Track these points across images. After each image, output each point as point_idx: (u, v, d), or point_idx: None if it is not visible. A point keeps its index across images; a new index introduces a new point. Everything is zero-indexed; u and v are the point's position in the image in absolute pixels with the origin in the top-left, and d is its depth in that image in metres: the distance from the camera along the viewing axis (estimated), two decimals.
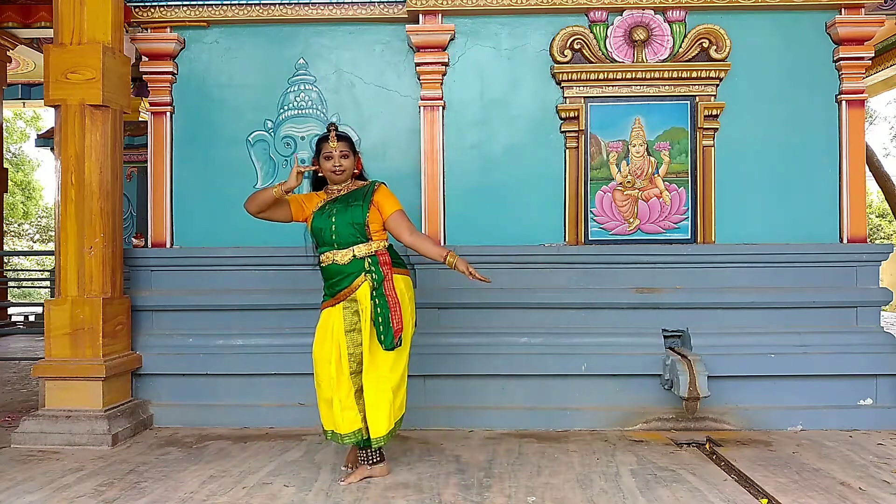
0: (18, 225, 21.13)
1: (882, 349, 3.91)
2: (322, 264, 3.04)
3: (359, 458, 3.03)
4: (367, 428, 2.95)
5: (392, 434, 2.98)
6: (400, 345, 2.93)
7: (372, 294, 2.93)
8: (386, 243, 3.06)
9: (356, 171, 3.09)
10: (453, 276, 3.99)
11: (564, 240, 4.09)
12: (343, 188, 3.07)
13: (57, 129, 3.78)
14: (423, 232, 4.07)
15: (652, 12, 4.02)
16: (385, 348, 2.91)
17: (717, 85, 4.03)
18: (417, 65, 4.08)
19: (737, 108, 4.04)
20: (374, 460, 3.01)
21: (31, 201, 21.02)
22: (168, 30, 4.17)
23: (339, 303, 2.98)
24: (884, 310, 8.70)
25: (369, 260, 2.96)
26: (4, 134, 9.19)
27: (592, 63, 4.03)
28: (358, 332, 2.97)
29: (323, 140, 3.02)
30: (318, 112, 4.21)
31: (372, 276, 2.94)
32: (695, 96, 4.03)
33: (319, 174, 3.10)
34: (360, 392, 2.98)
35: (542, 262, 4.03)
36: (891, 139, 18.86)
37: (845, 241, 4.04)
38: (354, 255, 2.96)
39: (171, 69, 4.18)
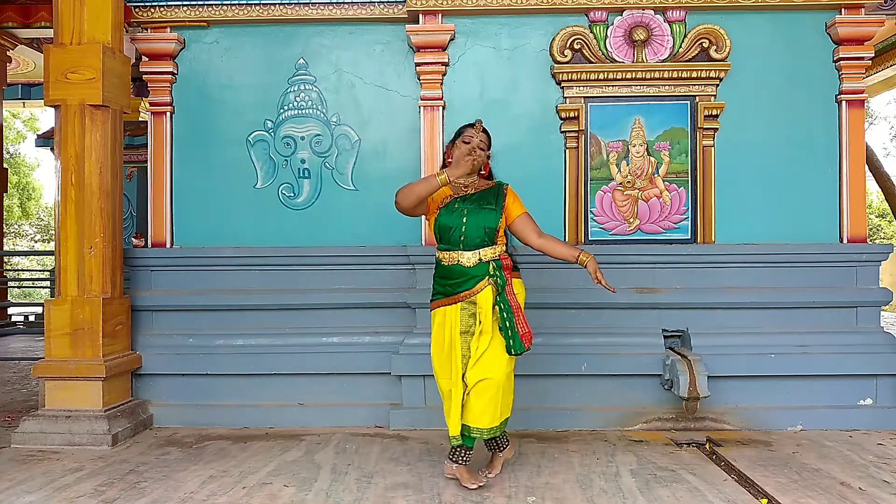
0: (18, 226, 21.11)
1: (882, 349, 3.91)
2: (442, 262, 2.96)
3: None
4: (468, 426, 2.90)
5: (497, 430, 2.90)
6: (529, 349, 2.87)
7: (496, 299, 2.87)
8: (505, 247, 2.99)
9: (484, 171, 3.03)
10: None
11: (565, 240, 4.09)
12: (471, 185, 2.98)
13: (57, 129, 3.78)
14: (422, 233, 4.07)
15: (652, 12, 4.02)
16: (514, 353, 2.84)
17: (717, 85, 4.03)
18: (417, 65, 4.08)
19: (737, 108, 4.04)
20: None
21: (29, 202, 20.96)
22: (168, 30, 4.17)
23: (456, 303, 2.91)
24: (884, 310, 8.71)
25: (494, 264, 2.90)
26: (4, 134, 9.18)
27: (592, 63, 4.03)
28: (471, 336, 2.90)
29: (468, 126, 2.98)
30: (318, 112, 4.21)
31: (496, 282, 2.88)
32: (695, 96, 4.03)
33: (448, 160, 2.99)
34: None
35: (542, 262, 4.02)
36: (891, 139, 18.87)
37: (845, 241, 4.04)
38: (481, 259, 2.90)
39: (171, 69, 4.19)
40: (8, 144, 19.65)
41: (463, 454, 2.92)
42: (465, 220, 2.90)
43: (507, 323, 2.84)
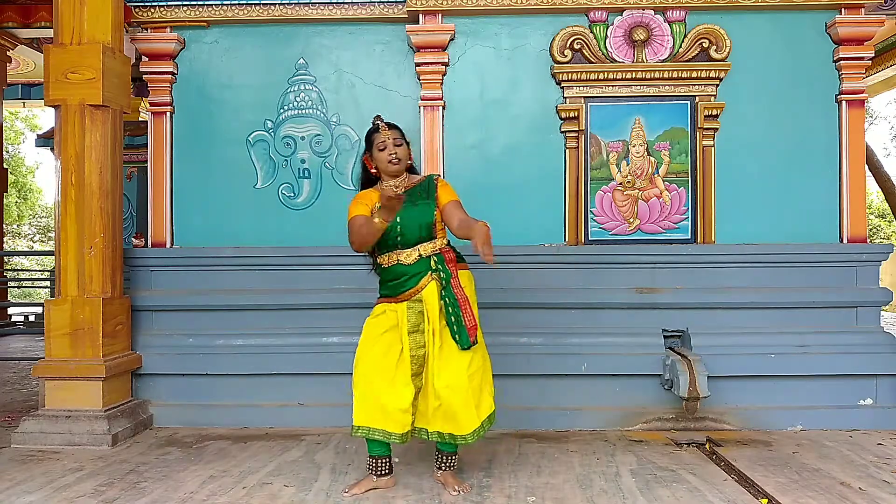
0: (17, 226, 21.09)
1: (882, 349, 3.91)
2: (382, 265, 2.90)
3: (368, 465, 2.90)
4: (416, 430, 2.84)
5: (479, 434, 2.78)
6: (476, 342, 2.77)
7: (441, 294, 2.80)
8: (447, 239, 2.92)
9: (409, 161, 2.95)
10: None
11: (564, 240, 4.09)
12: (401, 185, 2.89)
13: (57, 129, 3.78)
14: None
15: (652, 12, 4.02)
16: (462, 348, 2.74)
17: (717, 85, 4.03)
18: (417, 65, 4.08)
19: (737, 108, 4.04)
20: (383, 472, 2.88)
21: (25, 203, 20.91)
22: (168, 30, 4.17)
23: (401, 302, 2.84)
24: (884, 310, 8.71)
25: (435, 258, 2.84)
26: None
27: (592, 63, 4.03)
28: (421, 334, 2.83)
29: (373, 132, 2.92)
30: (319, 112, 4.21)
31: (440, 275, 2.81)
32: (695, 96, 4.03)
33: (372, 171, 2.96)
34: (417, 394, 2.82)
35: (542, 262, 4.03)
36: (891, 139, 18.88)
37: (845, 241, 4.04)
38: (420, 255, 2.83)
39: (171, 69, 4.19)
40: (8, 144, 19.66)
41: (386, 464, 2.89)
42: (398, 220, 2.79)
43: (453, 317, 2.76)
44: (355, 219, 2.83)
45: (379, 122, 2.94)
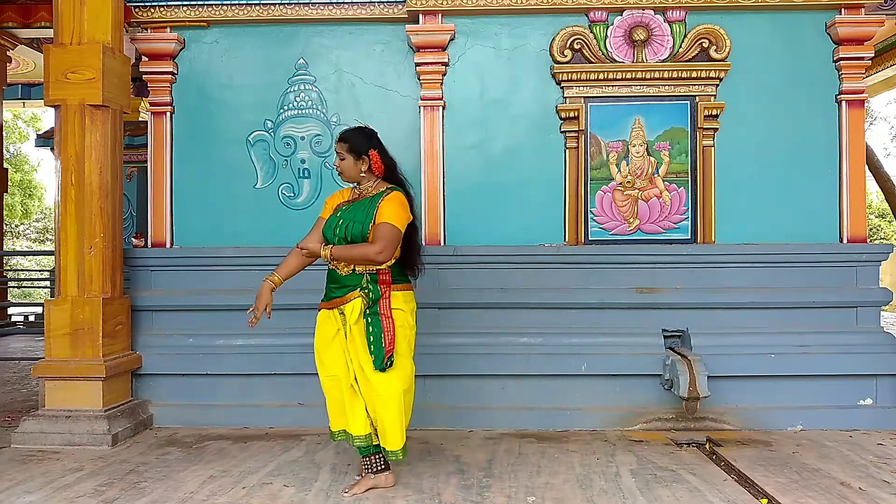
0: (16, 226, 21.15)
1: (882, 349, 3.91)
2: (329, 265, 2.92)
3: (362, 465, 2.93)
4: (376, 435, 2.86)
5: (406, 447, 2.85)
6: (391, 366, 2.77)
7: (365, 312, 2.79)
8: (391, 261, 2.84)
9: (366, 171, 2.89)
10: (453, 276, 4.01)
11: (564, 240, 4.09)
12: (363, 191, 2.92)
13: (57, 129, 3.78)
14: (421, 234, 4.05)
15: (652, 12, 4.02)
16: (375, 368, 2.75)
17: (717, 85, 4.03)
18: (417, 65, 4.08)
19: (737, 108, 4.04)
20: (379, 468, 2.90)
21: (31, 200, 21.04)
22: (168, 30, 4.17)
23: (332, 308, 2.88)
24: (884, 310, 8.71)
25: (368, 277, 2.80)
26: (4, 134, 9.18)
27: (592, 63, 4.03)
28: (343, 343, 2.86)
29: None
30: (318, 112, 4.21)
31: (368, 295, 2.79)
32: (695, 96, 4.03)
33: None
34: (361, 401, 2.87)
35: (542, 262, 4.03)
36: (891, 139, 18.87)
37: (845, 241, 4.04)
38: (354, 269, 2.82)
39: (171, 69, 4.19)
40: (10, 144, 19.73)
41: (380, 459, 2.91)
42: (337, 230, 2.85)
43: (373, 338, 2.76)
44: (315, 229, 3.01)
45: (344, 132, 2.96)
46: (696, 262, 4.01)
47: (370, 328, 2.78)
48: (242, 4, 4.12)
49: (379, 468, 2.91)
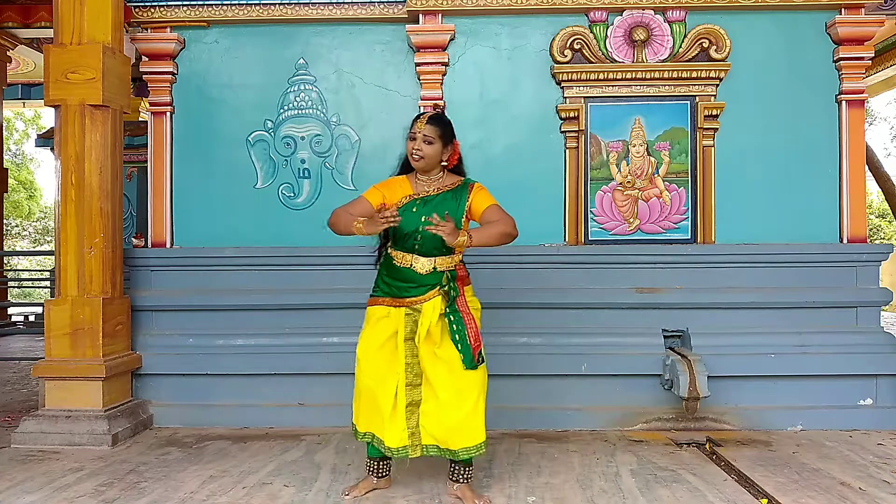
0: (15, 226, 21.21)
1: (882, 349, 3.91)
2: (394, 262, 2.75)
3: (368, 467, 2.86)
4: (414, 446, 2.71)
5: (475, 452, 2.67)
6: (483, 362, 2.68)
7: (446, 311, 2.67)
8: (462, 255, 2.78)
9: (447, 163, 2.76)
10: None
11: (564, 240, 4.09)
12: (433, 186, 2.75)
13: (57, 129, 3.78)
14: None
15: (652, 12, 4.02)
16: (466, 368, 2.63)
17: (717, 85, 4.03)
18: (417, 65, 4.08)
19: (737, 108, 4.04)
20: (382, 474, 2.85)
21: (33, 199, 21.15)
22: (168, 30, 4.17)
23: (401, 307, 2.73)
24: (884, 310, 8.70)
25: (448, 275, 2.71)
26: (4, 133, 9.18)
27: (592, 63, 4.03)
28: (414, 343, 2.71)
29: (415, 119, 2.75)
30: (319, 112, 4.21)
31: (448, 293, 2.68)
32: (695, 96, 4.03)
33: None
34: (412, 406, 2.72)
35: (542, 262, 4.03)
36: (891, 139, 18.87)
37: (845, 241, 4.04)
38: (435, 268, 2.71)
39: (171, 69, 4.18)
40: (11, 144, 19.78)
41: (386, 465, 2.87)
42: (422, 228, 2.65)
43: (458, 336, 2.64)
44: (353, 204, 2.74)
45: (430, 110, 2.77)
46: (696, 262, 4.01)
47: (454, 326, 2.66)
48: (242, 4, 4.13)
49: (383, 474, 2.88)
